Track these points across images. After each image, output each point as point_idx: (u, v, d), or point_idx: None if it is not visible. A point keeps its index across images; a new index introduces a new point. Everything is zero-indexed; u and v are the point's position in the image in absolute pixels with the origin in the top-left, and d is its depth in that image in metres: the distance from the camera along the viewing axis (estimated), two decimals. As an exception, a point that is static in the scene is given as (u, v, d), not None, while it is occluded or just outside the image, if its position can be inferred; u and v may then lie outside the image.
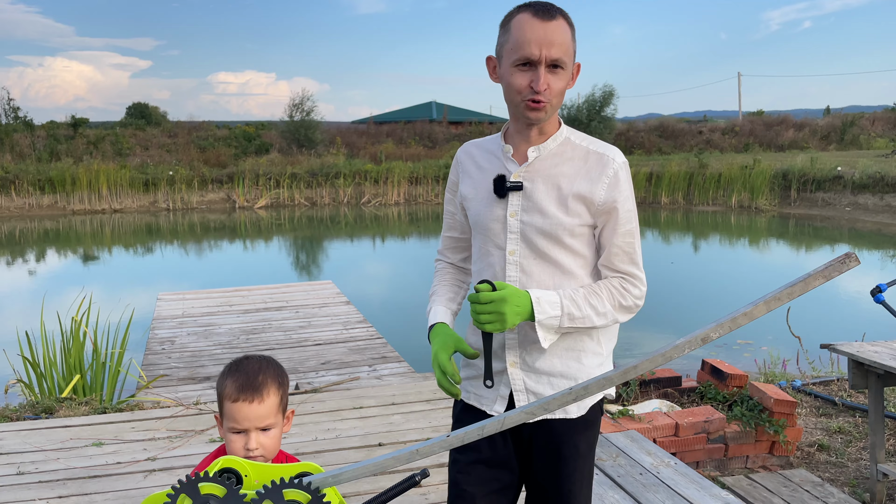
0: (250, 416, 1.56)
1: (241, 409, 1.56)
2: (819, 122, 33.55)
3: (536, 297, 1.69)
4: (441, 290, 1.98)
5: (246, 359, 1.66)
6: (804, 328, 6.63)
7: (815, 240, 15.73)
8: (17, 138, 25.39)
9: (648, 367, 1.20)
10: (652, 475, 3.08)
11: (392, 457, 1.28)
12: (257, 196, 22.62)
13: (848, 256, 1.07)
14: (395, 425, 4.20)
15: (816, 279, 1.09)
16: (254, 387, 1.57)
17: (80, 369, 5.17)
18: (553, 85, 1.68)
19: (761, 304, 1.13)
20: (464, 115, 39.57)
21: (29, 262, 14.28)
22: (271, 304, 7.87)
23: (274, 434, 1.61)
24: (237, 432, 1.58)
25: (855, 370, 3.68)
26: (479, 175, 1.86)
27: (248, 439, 1.57)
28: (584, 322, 1.73)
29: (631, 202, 1.79)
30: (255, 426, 1.57)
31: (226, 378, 1.61)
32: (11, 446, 3.94)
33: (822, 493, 3.70)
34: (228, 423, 1.58)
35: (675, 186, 21.94)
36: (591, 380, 1.25)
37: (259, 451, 1.57)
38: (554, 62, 1.66)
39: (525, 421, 1.30)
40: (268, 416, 1.58)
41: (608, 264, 1.79)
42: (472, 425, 1.31)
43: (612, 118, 29.40)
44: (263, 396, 1.58)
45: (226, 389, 1.59)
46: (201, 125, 31.51)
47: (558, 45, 1.65)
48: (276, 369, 1.65)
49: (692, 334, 1.19)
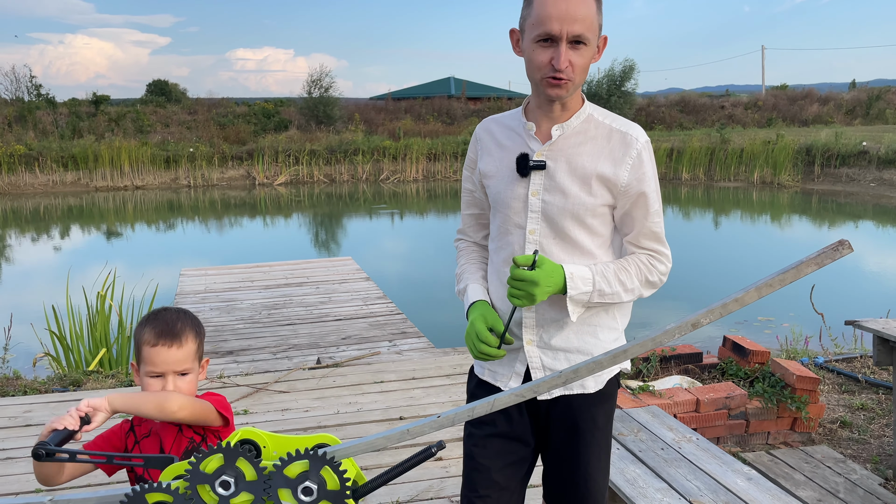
0: (169, 360, 1.64)
1: (159, 353, 1.64)
2: (844, 96, 32.94)
3: (570, 273, 1.69)
4: (471, 268, 1.97)
5: (164, 309, 1.74)
6: (827, 304, 6.56)
7: (839, 216, 15.52)
8: (39, 115, 25.61)
9: (638, 350, 1.21)
10: (673, 450, 3.09)
11: (416, 426, 1.29)
12: (277, 173, 22.68)
13: (841, 244, 1.06)
14: (415, 399, 4.24)
15: (809, 266, 1.08)
16: (173, 333, 1.66)
17: (106, 343, 5.26)
18: (575, 61, 1.64)
19: (752, 290, 1.13)
20: (483, 90, 39.27)
21: (54, 238, 14.47)
22: (292, 280, 7.93)
23: (190, 379, 1.68)
24: (155, 376, 1.65)
25: (880, 347, 3.64)
26: (500, 153, 1.83)
27: (165, 383, 1.64)
28: (613, 298, 1.74)
29: (654, 182, 1.78)
30: (172, 370, 1.65)
31: (144, 326, 1.68)
32: (41, 418, 4.03)
33: (844, 470, 3.69)
34: (147, 367, 1.65)
35: (697, 162, 21.70)
36: (582, 363, 1.26)
37: (177, 394, 1.62)
38: (576, 38, 1.62)
39: (511, 403, 1.29)
40: (185, 360, 1.67)
41: (636, 242, 1.79)
42: (482, 399, 1.32)
43: (633, 93, 29.02)
44: (182, 342, 1.66)
45: (144, 336, 1.66)
46: (221, 102, 31.56)
47: (581, 20, 1.61)
48: (193, 319, 1.73)
49: (683, 320, 1.20)
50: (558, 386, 1.25)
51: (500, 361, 1.88)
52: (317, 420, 3.95)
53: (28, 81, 28.44)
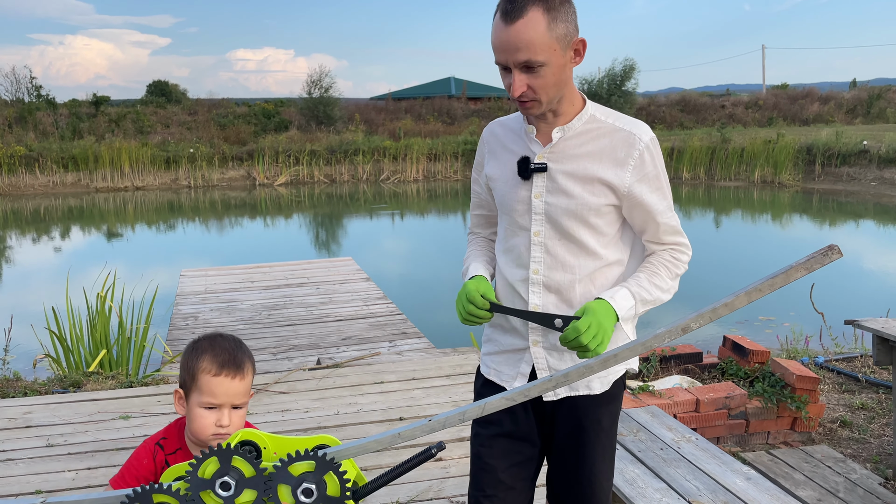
0: (230, 392, 1.56)
1: (221, 384, 1.55)
2: (845, 96, 32.89)
3: (611, 296, 1.71)
4: (477, 253, 2.00)
5: (220, 336, 1.65)
6: (827, 304, 6.56)
7: (839, 215, 15.51)
8: (39, 116, 25.62)
9: (629, 355, 1.22)
10: (672, 450, 3.09)
11: (407, 429, 1.29)
12: (277, 173, 22.69)
13: (830, 249, 1.06)
14: (415, 400, 4.24)
15: (798, 271, 1.08)
16: (237, 363, 1.58)
17: (106, 344, 5.26)
18: (533, 83, 1.63)
19: (742, 294, 1.13)
20: (483, 90, 39.25)
21: (54, 238, 14.48)
22: (292, 281, 7.93)
23: (242, 413, 1.61)
24: (210, 408, 1.56)
25: (879, 346, 3.64)
26: (505, 156, 1.84)
27: (220, 415, 1.56)
28: (656, 303, 1.78)
29: (662, 179, 1.78)
30: (231, 402, 1.57)
31: (200, 353, 1.59)
32: (41, 419, 4.03)
33: (844, 469, 3.69)
34: (204, 397, 1.56)
35: (697, 162, 21.69)
36: (572, 367, 1.26)
37: (229, 429, 1.57)
38: (524, 64, 1.60)
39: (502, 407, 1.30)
40: (244, 393, 1.59)
41: (655, 240, 1.81)
42: (475, 403, 1.32)
43: (633, 92, 29.02)
44: (244, 374, 1.59)
45: (202, 364, 1.57)
46: (221, 102, 31.56)
47: (525, 47, 1.57)
48: (248, 351, 1.66)
49: (673, 324, 1.20)
50: (549, 390, 1.24)
51: (505, 361, 1.89)
52: (317, 421, 3.95)
53: (28, 82, 28.44)
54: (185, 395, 1.61)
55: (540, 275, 1.79)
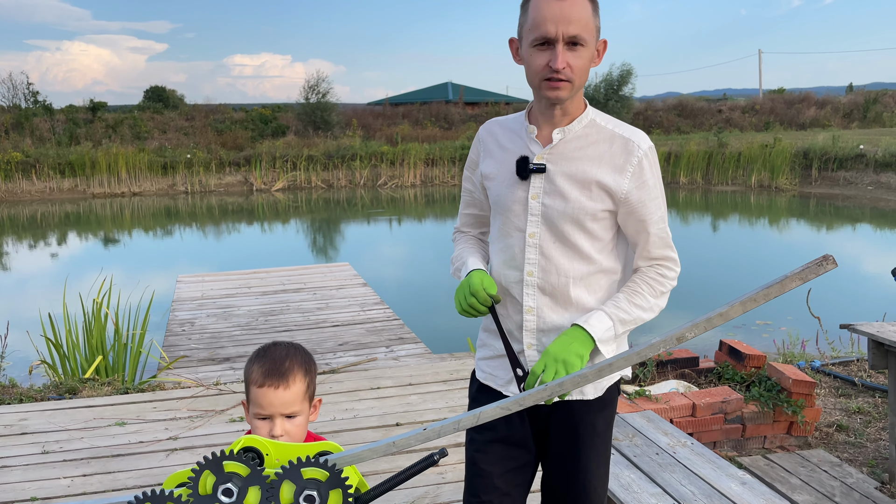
0: (275, 402, 1.54)
1: (266, 395, 1.54)
2: (841, 100, 32.99)
3: (585, 320, 1.71)
4: (471, 250, 1.96)
5: (274, 345, 1.63)
6: (824, 308, 6.57)
7: (836, 219, 15.54)
8: (36, 122, 25.61)
9: (624, 365, 1.22)
10: (668, 455, 3.09)
11: (402, 438, 1.29)
12: (274, 178, 22.68)
13: (825, 259, 1.06)
14: (412, 405, 4.23)
15: (793, 281, 1.09)
16: (280, 373, 1.55)
17: (102, 350, 5.25)
18: (573, 63, 1.65)
19: (737, 304, 1.14)
20: (480, 95, 39.32)
21: (51, 244, 14.46)
22: (289, 286, 7.93)
23: (300, 422, 1.58)
24: (262, 418, 1.56)
25: (875, 350, 3.64)
26: (502, 155, 1.84)
27: (273, 426, 1.55)
28: (636, 322, 1.76)
29: (658, 189, 1.77)
30: (279, 412, 1.55)
31: (253, 363, 1.59)
32: (36, 426, 4.02)
33: (841, 474, 3.69)
34: (254, 408, 1.57)
35: (694, 166, 21.72)
36: (566, 377, 1.27)
37: (285, 439, 1.56)
38: (572, 39, 1.63)
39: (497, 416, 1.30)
40: (293, 402, 1.56)
41: (646, 254, 1.79)
42: (472, 411, 1.32)
43: (630, 97, 29.07)
44: (289, 383, 1.55)
45: (252, 375, 1.57)
46: (218, 108, 31.57)
47: (576, 21, 1.62)
48: (303, 356, 1.62)
49: (668, 334, 1.20)
50: (544, 399, 1.25)
51: (500, 365, 1.89)
52: (313, 427, 3.95)
53: (25, 88, 28.45)
54: (248, 405, 1.62)
55: (534, 277, 1.79)
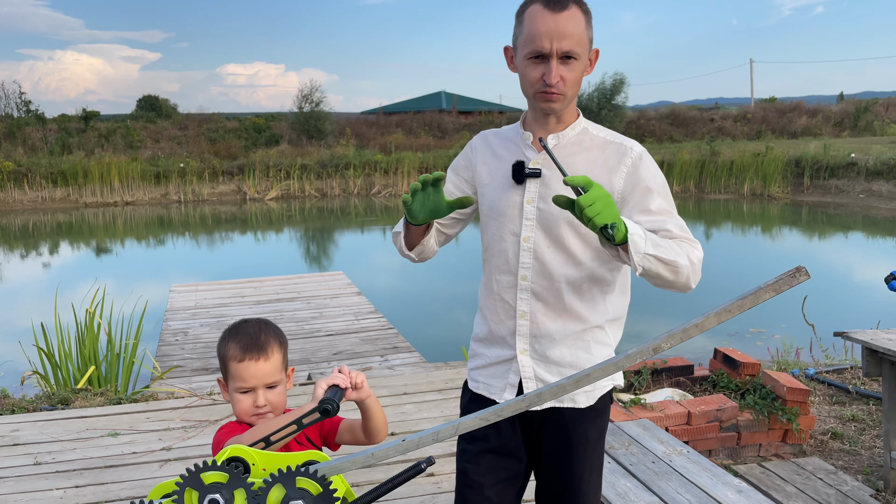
0: (258, 374, 1.62)
1: (248, 368, 1.61)
2: (832, 109, 33.22)
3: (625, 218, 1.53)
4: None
5: (244, 322, 1.70)
6: (818, 316, 6.59)
7: (828, 227, 15.62)
8: (29, 132, 25.53)
9: (601, 375, 1.24)
10: (664, 463, 3.09)
11: (380, 449, 1.29)
12: (268, 187, 22.67)
13: (798, 270, 1.08)
14: (406, 415, 4.22)
15: (766, 292, 1.11)
16: (258, 345, 1.63)
17: (94, 360, 5.22)
18: (566, 76, 1.68)
19: (712, 315, 1.15)
20: (473, 104, 39.44)
21: (43, 254, 14.39)
22: (283, 295, 7.91)
23: (280, 391, 1.66)
24: (245, 391, 1.63)
25: (869, 358, 3.65)
26: (496, 162, 1.85)
27: (256, 397, 1.63)
28: (667, 253, 1.57)
29: (659, 185, 1.72)
30: (262, 383, 1.63)
31: (228, 342, 1.66)
32: (29, 437, 3.99)
33: (836, 481, 3.70)
34: (236, 383, 1.63)
35: (687, 174, 21.82)
36: (544, 387, 1.27)
37: (268, 408, 1.63)
38: (566, 54, 1.66)
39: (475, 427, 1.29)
40: (273, 372, 1.64)
41: (667, 235, 1.67)
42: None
43: (623, 106, 29.20)
44: (269, 354, 1.63)
45: (229, 351, 1.64)
46: (211, 117, 31.57)
47: (570, 36, 1.64)
48: (275, 329, 1.70)
49: (644, 344, 1.23)
50: (522, 410, 1.26)
51: (493, 374, 1.88)
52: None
53: (17, 97, 28.42)
54: (225, 383, 1.69)
55: (528, 281, 1.79)
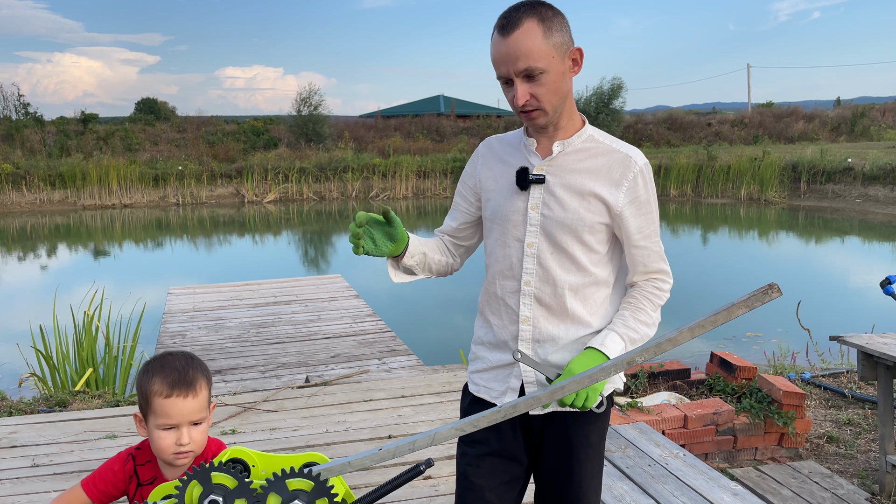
0: (184, 411, 1.57)
1: (174, 405, 1.56)
2: (829, 114, 33.31)
3: (601, 343, 1.72)
4: (422, 238, 1.93)
5: (169, 355, 1.65)
6: (814, 320, 6.62)
7: (825, 232, 15.65)
8: (27, 134, 25.53)
9: (575, 388, 1.29)
10: (660, 466, 3.10)
11: (358, 458, 1.31)
12: (266, 190, 22.67)
13: (770, 287, 1.11)
14: (404, 418, 4.23)
15: (739, 308, 1.14)
16: (187, 382, 1.58)
17: (92, 363, 5.23)
18: (536, 91, 1.68)
19: (685, 330, 1.19)
20: (472, 108, 39.49)
21: (41, 257, 14.38)
22: (281, 298, 7.91)
23: (203, 428, 1.62)
24: (168, 428, 1.58)
25: (864, 362, 3.67)
26: (501, 168, 1.87)
27: (180, 434, 1.57)
28: (643, 340, 1.79)
29: (652, 204, 1.80)
30: (188, 420, 1.58)
31: (152, 375, 1.59)
32: (26, 439, 4.00)
33: (831, 485, 3.71)
34: (159, 419, 1.57)
35: (684, 179, 21.86)
36: (528, 396, 1.31)
37: (191, 446, 1.59)
38: (525, 73, 1.66)
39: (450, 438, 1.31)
40: (200, 409, 1.60)
41: (642, 268, 1.82)
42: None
43: (621, 111, 29.27)
44: (197, 390, 1.59)
45: (154, 386, 1.57)
46: (210, 120, 31.58)
47: (524, 55, 1.64)
48: (201, 364, 1.66)
49: (618, 357, 1.27)
50: (497, 421, 1.29)
51: (494, 378, 1.90)
52: (305, 439, 3.94)
53: (16, 100, 28.37)
54: (144, 418, 1.62)
55: (531, 286, 1.81)
